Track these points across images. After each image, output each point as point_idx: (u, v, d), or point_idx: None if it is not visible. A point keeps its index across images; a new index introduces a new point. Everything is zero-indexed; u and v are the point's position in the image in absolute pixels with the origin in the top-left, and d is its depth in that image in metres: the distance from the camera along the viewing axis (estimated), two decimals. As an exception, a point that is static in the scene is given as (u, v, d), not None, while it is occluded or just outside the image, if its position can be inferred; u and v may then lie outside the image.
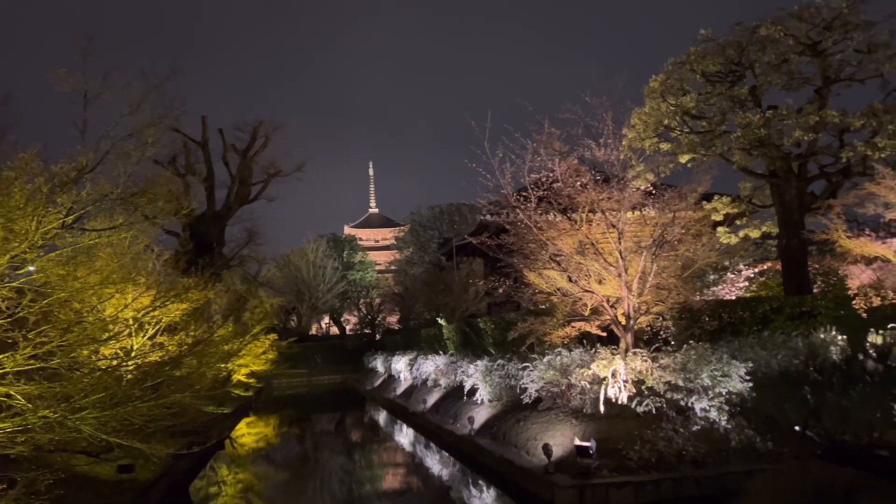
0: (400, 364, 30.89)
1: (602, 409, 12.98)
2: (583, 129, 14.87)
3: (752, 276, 24.31)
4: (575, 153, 15.22)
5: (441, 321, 31.09)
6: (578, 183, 14.88)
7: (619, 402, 12.96)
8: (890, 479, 4.76)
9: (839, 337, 13.79)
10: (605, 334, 15.38)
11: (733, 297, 21.51)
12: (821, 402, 4.90)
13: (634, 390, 12.97)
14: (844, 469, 5.02)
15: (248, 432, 25.55)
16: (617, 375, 13.07)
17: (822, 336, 14.44)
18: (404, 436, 22.63)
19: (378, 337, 58.55)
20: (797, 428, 5.01)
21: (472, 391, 18.42)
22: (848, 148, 18.75)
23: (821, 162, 20.45)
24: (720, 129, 20.00)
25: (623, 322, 14.44)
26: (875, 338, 5.22)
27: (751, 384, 12.42)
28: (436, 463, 17.75)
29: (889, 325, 5.54)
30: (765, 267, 24.60)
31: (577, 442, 11.78)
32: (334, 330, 70.40)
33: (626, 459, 11.56)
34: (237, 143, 30.65)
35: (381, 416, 28.74)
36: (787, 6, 19.50)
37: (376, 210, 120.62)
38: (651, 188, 16.11)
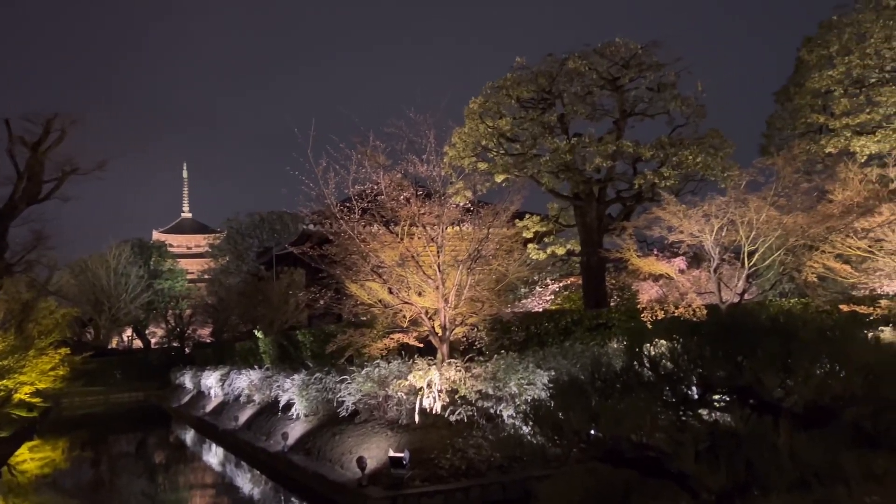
0: (211, 380, 29.24)
1: (417, 419, 13.20)
2: (407, 145, 15.12)
3: (558, 289, 26.18)
4: (399, 167, 15.42)
5: (258, 334, 29.92)
6: (401, 197, 15.09)
7: (434, 411, 13.26)
8: (657, 478, 5.32)
9: (629, 347, 15.22)
10: (423, 345, 15.68)
11: (540, 310, 22.99)
12: (601, 408, 5.38)
13: (448, 400, 13.35)
14: (621, 470, 5.54)
15: (32, 458, 22.77)
16: (432, 385, 13.38)
17: (615, 346, 15.89)
18: (213, 455, 21.41)
19: (188, 351, 55.05)
20: (591, 433, 5.45)
21: (288, 406, 17.90)
22: (640, 175, 20.90)
23: (617, 187, 22.59)
24: (532, 152, 21.38)
25: (440, 333, 14.82)
26: (650, 348, 5.85)
27: (552, 391, 13.28)
28: (247, 482, 16.98)
29: (673, 336, 6.22)
30: (569, 282, 26.60)
31: (392, 453, 11.86)
32: (138, 343, 65.15)
33: (438, 468, 11.85)
34: (27, 136, 27.31)
35: (189, 436, 27.00)
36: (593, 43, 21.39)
37: (189, 215, 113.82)
38: (469, 205, 16.77)
